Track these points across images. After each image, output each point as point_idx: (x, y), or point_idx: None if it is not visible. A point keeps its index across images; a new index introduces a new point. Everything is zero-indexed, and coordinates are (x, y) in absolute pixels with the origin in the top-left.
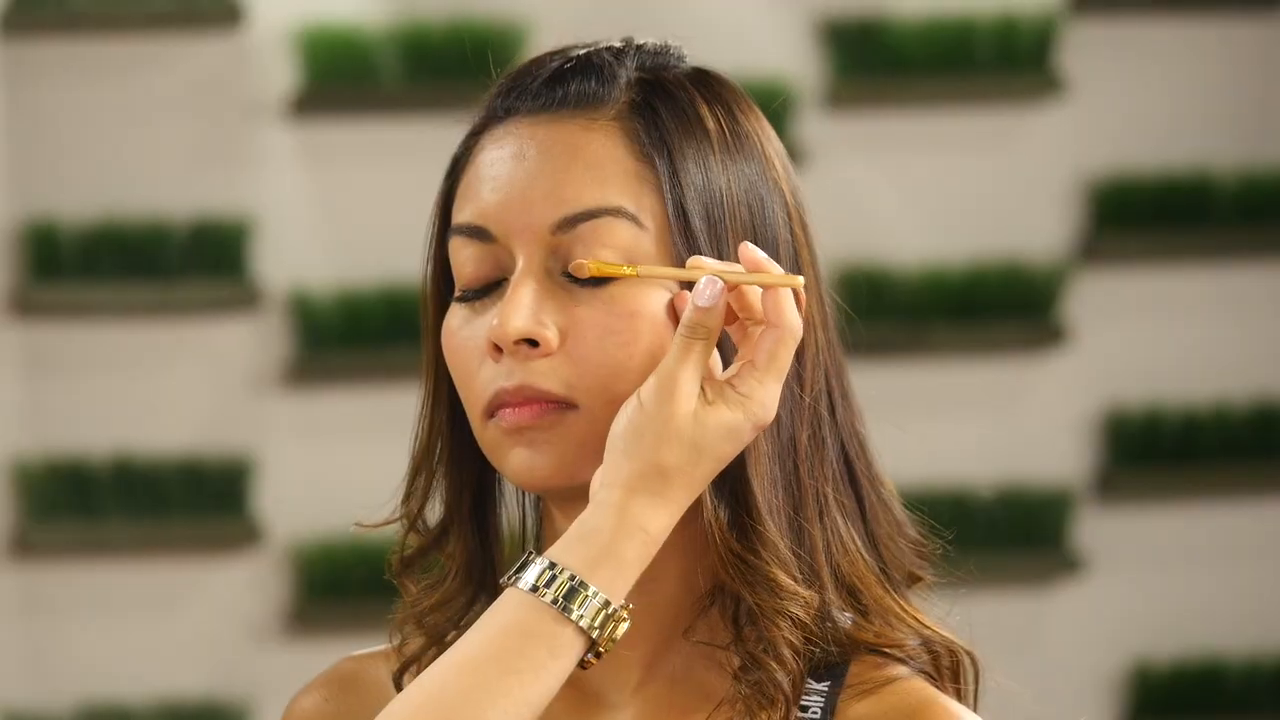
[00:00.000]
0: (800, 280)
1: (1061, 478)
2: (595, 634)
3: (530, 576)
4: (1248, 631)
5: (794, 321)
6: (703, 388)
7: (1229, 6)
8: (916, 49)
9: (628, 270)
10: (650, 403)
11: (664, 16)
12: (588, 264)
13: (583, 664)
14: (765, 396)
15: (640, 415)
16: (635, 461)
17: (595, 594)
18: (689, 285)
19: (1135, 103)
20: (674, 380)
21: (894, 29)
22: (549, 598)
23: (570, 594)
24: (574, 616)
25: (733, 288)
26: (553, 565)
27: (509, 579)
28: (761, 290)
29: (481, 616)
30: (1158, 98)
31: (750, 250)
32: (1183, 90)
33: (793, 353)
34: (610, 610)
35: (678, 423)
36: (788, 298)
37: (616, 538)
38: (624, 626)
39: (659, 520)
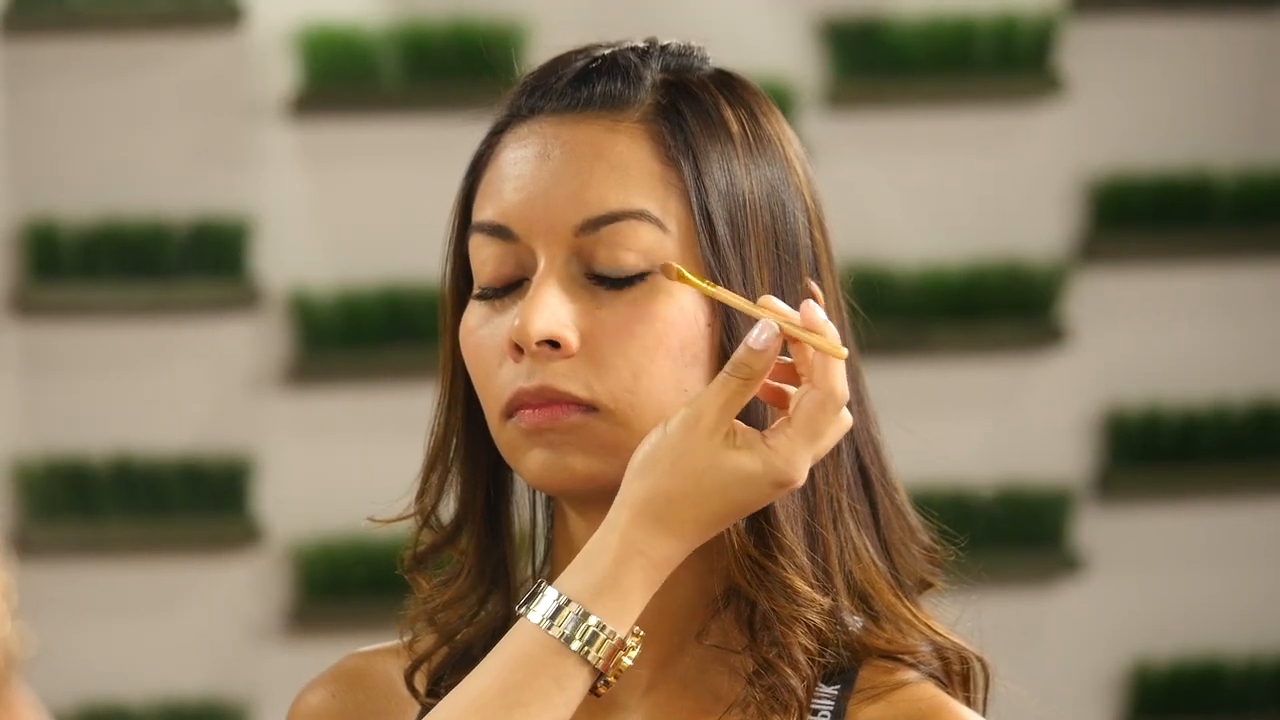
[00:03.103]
0: (845, 354)
1: (1061, 477)
2: (599, 664)
3: (538, 607)
4: (1247, 631)
5: (839, 389)
6: (734, 429)
7: (1229, 6)
8: (916, 49)
9: (705, 286)
10: (674, 429)
11: (664, 16)
12: (674, 268)
13: (595, 691)
14: (792, 455)
15: (661, 440)
16: (644, 485)
17: (599, 624)
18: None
19: (1135, 103)
20: (701, 412)
21: (894, 29)
22: (554, 630)
23: (575, 625)
24: (577, 648)
25: (793, 340)
26: (559, 596)
27: (520, 608)
28: (813, 351)
29: (495, 646)
30: (1158, 98)
31: (812, 310)
32: (1183, 90)
33: (831, 421)
34: (615, 639)
35: (693, 455)
36: (838, 366)
37: (618, 564)
38: (633, 653)
39: (662, 547)
